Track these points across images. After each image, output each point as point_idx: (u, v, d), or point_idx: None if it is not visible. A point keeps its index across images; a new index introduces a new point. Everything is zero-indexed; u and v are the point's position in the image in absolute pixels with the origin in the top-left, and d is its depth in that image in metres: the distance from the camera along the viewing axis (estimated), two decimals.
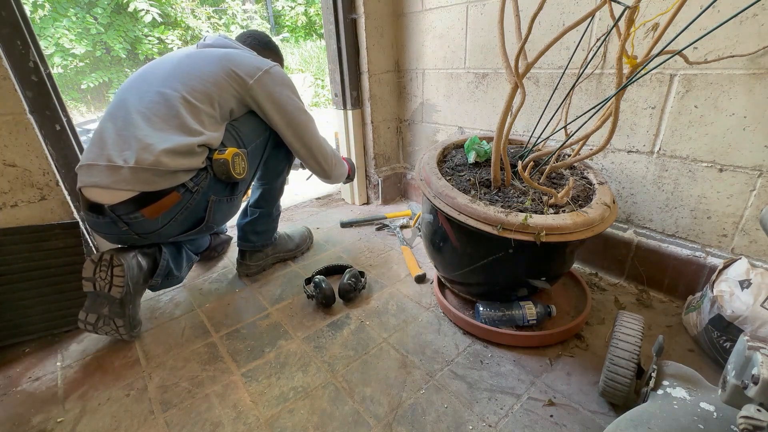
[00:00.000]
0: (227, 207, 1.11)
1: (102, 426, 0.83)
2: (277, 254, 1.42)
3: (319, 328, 1.09)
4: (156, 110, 0.97)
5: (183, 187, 0.96)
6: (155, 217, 0.95)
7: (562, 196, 0.88)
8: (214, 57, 1.08)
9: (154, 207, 0.94)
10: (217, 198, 1.05)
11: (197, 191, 0.99)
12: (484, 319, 1.00)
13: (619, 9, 0.76)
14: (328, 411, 0.84)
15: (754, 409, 0.45)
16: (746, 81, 0.88)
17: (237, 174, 1.02)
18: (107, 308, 0.99)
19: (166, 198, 0.94)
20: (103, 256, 0.99)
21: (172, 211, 0.97)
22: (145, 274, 1.06)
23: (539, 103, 1.28)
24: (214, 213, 1.06)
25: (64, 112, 1.13)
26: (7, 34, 0.99)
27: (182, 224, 1.02)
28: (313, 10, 7.94)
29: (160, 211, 0.95)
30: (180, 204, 0.97)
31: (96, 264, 0.98)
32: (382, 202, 1.92)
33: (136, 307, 1.06)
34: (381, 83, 1.73)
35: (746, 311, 0.82)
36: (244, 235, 1.33)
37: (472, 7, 1.36)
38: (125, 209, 0.93)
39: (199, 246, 1.35)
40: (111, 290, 0.98)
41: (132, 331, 1.04)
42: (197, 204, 1.01)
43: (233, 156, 1.00)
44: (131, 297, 1.02)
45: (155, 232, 1.00)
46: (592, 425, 0.78)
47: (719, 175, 0.98)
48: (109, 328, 1.00)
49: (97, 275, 0.98)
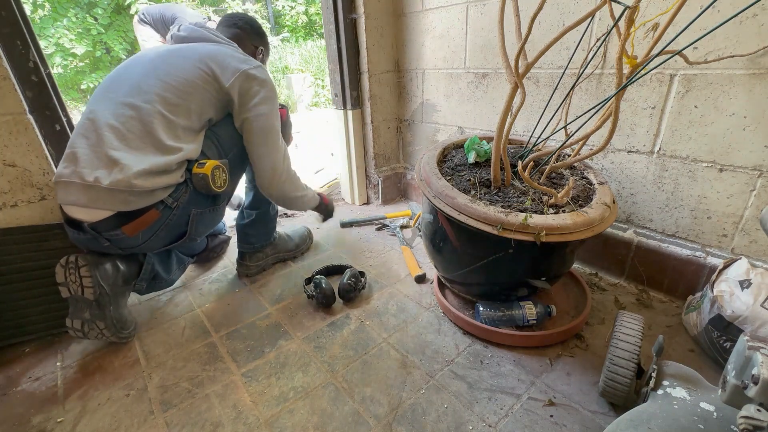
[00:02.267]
0: (210, 217, 1.09)
1: (102, 426, 0.83)
2: (277, 254, 1.41)
3: (319, 328, 1.09)
4: (129, 126, 0.93)
5: (162, 203, 0.94)
6: (135, 234, 0.94)
7: (562, 196, 0.88)
8: (189, 59, 1.02)
9: (134, 225, 0.93)
10: (199, 211, 1.03)
11: (176, 206, 0.97)
12: (484, 319, 1.00)
13: (619, 9, 0.76)
14: (328, 411, 0.84)
15: (754, 409, 0.45)
16: (746, 81, 0.88)
17: (217, 187, 0.99)
18: (88, 312, 0.97)
19: (145, 215, 0.93)
20: (69, 258, 0.96)
21: (152, 228, 0.95)
22: (125, 276, 1.03)
23: (539, 103, 1.28)
24: (196, 225, 1.04)
25: (64, 112, 1.13)
26: (7, 34, 0.99)
27: (164, 239, 1.01)
28: (313, 10, 7.93)
29: (140, 228, 0.94)
30: (160, 221, 0.96)
31: (65, 267, 0.96)
32: (382, 202, 1.92)
33: (120, 308, 1.03)
34: (381, 83, 1.73)
35: (746, 311, 0.82)
36: (242, 237, 1.32)
37: (472, 7, 1.36)
38: (105, 227, 0.92)
39: (194, 249, 1.34)
40: (84, 292, 0.96)
41: (119, 332, 1.02)
42: (178, 219, 0.99)
43: (213, 169, 0.97)
44: (109, 298, 0.99)
45: (137, 246, 0.99)
46: (592, 425, 0.78)
47: (719, 175, 0.98)
48: (95, 332, 0.98)
49: (68, 279, 0.96)
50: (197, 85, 1.00)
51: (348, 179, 1.92)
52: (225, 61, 1.05)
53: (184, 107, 0.98)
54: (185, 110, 0.98)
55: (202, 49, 1.05)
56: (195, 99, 1.00)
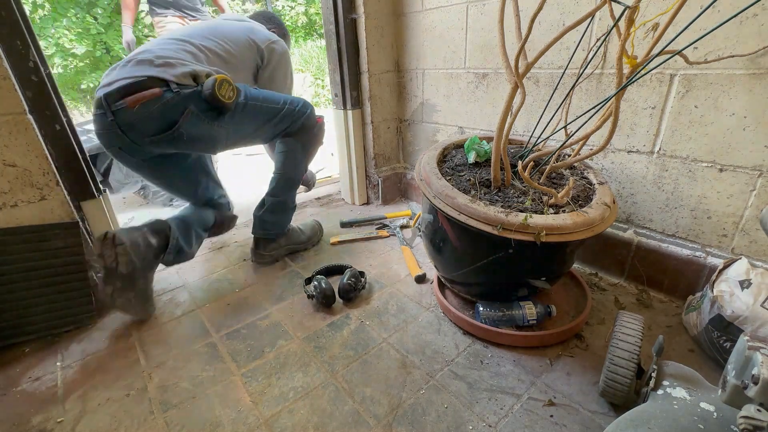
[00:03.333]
0: (205, 129, 1.14)
1: (102, 426, 0.83)
2: (290, 245, 1.48)
3: (319, 328, 1.09)
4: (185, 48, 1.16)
5: (167, 85, 1.05)
6: (135, 106, 1.03)
7: (562, 196, 0.88)
8: (239, 26, 1.34)
9: (136, 97, 1.02)
10: (195, 111, 1.09)
11: (177, 93, 1.06)
12: (484, 319, 1.00)
13: (619, 9, 0.76)
14: (328, 411, 0.84)
15: (754, 409, 0.45)
16: (746, 81, 0.88)
17: (221, 95, 1.08)
18: (120, 282, 1.07)
19: (147, 91, 1.03)
20: (107, 234, 1.06)
21: (148, 105, 1.04)
22: (154, 251, 1.15)
23: (539, 103, 1.28)
24: (187, 123, 1.09)
25: (64, 112, 1.13)
26: (7, 34, 0.99)
27: (155, 121, 1.07)
28: (313, 10, 7.93)
29: (140, 101, 1.03)
30: (158, 100, 1.04)
31: (101, 242, 1.06)
32: (382, 202, 1.92)
33: (147, 282, 1.15)
34: (381, 83, 1.73)
35: (746, 311, 0.82)
36: (260, 224, 1.40)
37: (472, 7, 1.36)
38: (115, 97, 1.03)
39: (206, 223, 1.42)
40: (118, 266, 1.06)
41: (145, 304, 1.13)
42: (174, 106, 1.06)
43: (223, 80, 1.08)
44: (140, 272, 1.10)
45: (133, 125, 1.06)
46: (592, 425, 0.78)
47: (719, 175, 0.98)
48: (122, 301, 1.08)
49: (105, 252, 1.06)
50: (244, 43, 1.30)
51: (348, 179, 1.92)
52: (261, 32, 1.38)
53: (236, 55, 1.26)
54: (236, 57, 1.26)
55: (246, 24, 1.38)
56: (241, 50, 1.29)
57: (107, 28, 5.92)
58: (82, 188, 1.18)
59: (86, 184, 1.18)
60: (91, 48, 5.94)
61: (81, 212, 1.18)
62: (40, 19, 5.38)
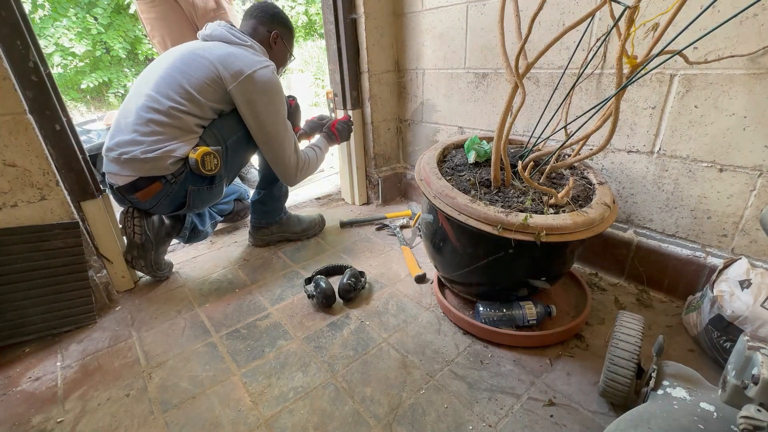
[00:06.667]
0: (207, 194, 1.28)
1: (102, 426, 0.83)
2: (283, 233, 1.56)
3: (319, 328, 1.09)
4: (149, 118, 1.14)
5: (164, 178, 1.17)
6: (146, 199, 1.19)
7: (562, 196, 0.88)
8: (206, 61, 1.18)
9: (143, 192, 1.18)
10: (196, 188, 1.23)
11: (175, 182, 1.18)
12: (484, 319, 1.00)
13: (619, 9, 0.76)
14: (328, 411, 0.84)
15: (754, 409, 0.45)
16: (746, 81, 0.88)
17: (207, 171, 1.17)
18: (136, 251, 1.25)
19: (152, 186, 1.17)
20: (129, 209, 1.24)
21: (157, 196, 1.19)
22: (167, 229, 1.33)
23: (539, 103, 1.28)
24: (193, 199, 1.25)
25: (64, 112, 1.13)
26: (7, 34, 0.99)
27: (168, 206, 1.24)
28: (313, 10, 7.93)
29: (148, 195, 1.19)
30: (162, 192, 1.19)
31: (125, 215, 1.24)
32: (382, 202, 1.92)
33: (159, 254, 1.32)
34: (381, 83, 1.72)
35: (746, 311, 0.82)
36: (253, 211, 1.53)
37: (472, 7, 1.36)
38: (127, 191, 1.18)
39: (222, 210, 1.62)
40: (134, 237, 1.24)
41: (155, 272, 1.31)
42: (177, 192, 1.21)
43: (203, 155, 1.15)
44: (152, 245, 1.27)
45: (151, 208, 1.24)
46: (592, 425, 0.78)
47: (719, 175, 0.98)
48: (138, 267, 1.28)
49: (126, 224, 1.24)
50: (206, 85, 1.17)
51: (348, 179, 1.92)
52: (234, 63, 1.19)
53: (196, 101, 1.17)
54: (197, 103, 1.17)
55: (218, 54, 1.20)
56: (208, 95, 1.18)
57: (107, 27, 5.92)
58: (82, 188, 1.17)
59: (86, 184, 1.18)
60: (90, 48, 5.94)
61: (81, 212, 1.18)
62: (40, 19, 5.38)
